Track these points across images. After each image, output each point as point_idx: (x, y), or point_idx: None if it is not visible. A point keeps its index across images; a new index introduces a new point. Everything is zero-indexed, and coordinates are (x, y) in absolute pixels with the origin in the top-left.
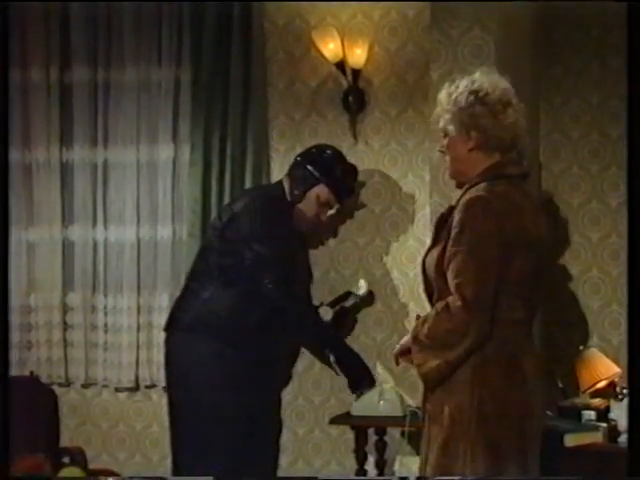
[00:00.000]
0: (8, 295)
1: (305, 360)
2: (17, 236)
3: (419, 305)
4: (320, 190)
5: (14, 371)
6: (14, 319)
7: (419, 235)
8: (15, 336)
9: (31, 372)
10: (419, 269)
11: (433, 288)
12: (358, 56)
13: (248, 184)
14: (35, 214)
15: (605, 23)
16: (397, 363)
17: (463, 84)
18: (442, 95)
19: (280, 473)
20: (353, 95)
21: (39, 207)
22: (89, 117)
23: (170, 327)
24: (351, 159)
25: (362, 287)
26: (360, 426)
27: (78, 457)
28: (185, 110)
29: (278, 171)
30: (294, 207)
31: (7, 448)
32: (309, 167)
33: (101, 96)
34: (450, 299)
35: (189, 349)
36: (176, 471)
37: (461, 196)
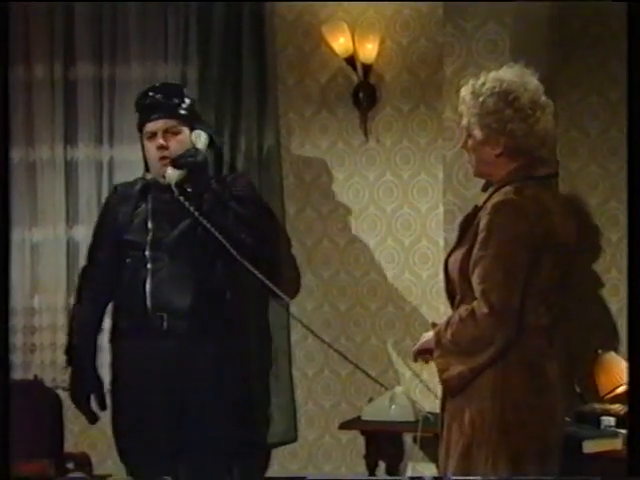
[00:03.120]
0: (9, 297)
1: (315, 365)
2: (20, 236)
3: (432, 308)
4: None
5: (17, 374)
6: (17, 321)
7: (432, 235)
8: (18, 339)
9: (35, 376)
10: (432, 270)
11: (455, 289)
12: (369, 51)
13: (258, 184)
14: (39, 214)
15: (624, 17)
16: (415, 360)
17: (490, 85)
18: (466, 93)
19: None
20: (364, 91)
21: (43, 207)
22: (94, 114)
23: None
24: (362, 157)
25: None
26: (371, 431)
27: (83, 463)
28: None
29: (288, 169)
30: None
31: (7, 451)
32: None
33: (106, 93)
34: (475, 305)
35: None
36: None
37: (488, 198)
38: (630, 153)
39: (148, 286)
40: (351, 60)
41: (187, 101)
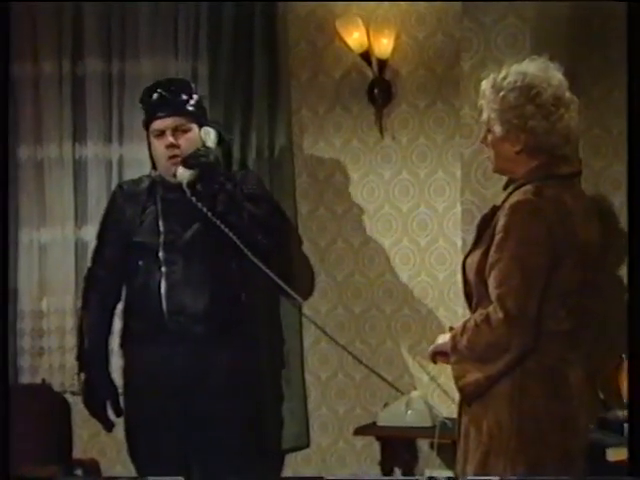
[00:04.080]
0: (8, 298)
1: (329, 368)
2: (28, 237)
3: (449, 310)
4: None
5: (25, 378)
6: (25, 324)
7: (449, 235)
8: (26, 342)
9: (43, 380)
10: (449, 271)
11: (473, 291)
12: (384, 46)
13: (269, 183)
14: (47, 214)
15: None
16: (434, 361)
17: (512, 79)
18: (487, 87)
19: None
20: (379, 87)
21: (51, 206)
22: (103, 111)
23: None
24: (377, 155)
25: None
26: (386, 437)
27: (92, 469)
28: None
29: (301, 167)
30: None
31: (7, 455)
32: None
33: (115, 89)
34: (491, 310)
35: None
36: None
37: (507, 197)
38: (630, 154)
39: (163, 289)
40: (366, 55)
41: (195, 97)
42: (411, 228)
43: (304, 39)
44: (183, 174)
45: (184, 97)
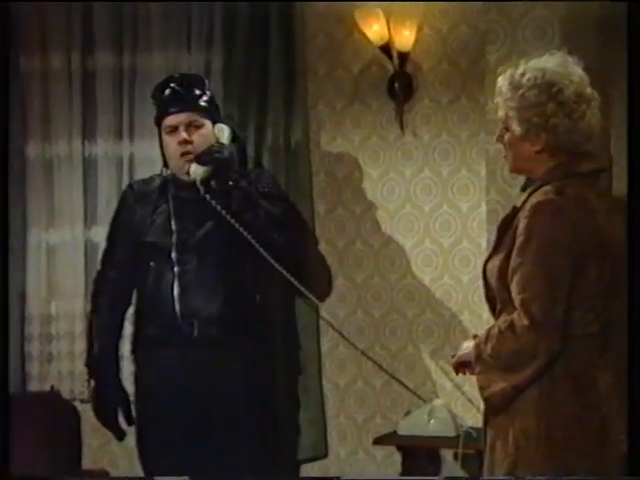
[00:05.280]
0: (8, 301)
1: (347, 375)
2: (36, 238)
3: (473, 314)
4: None
5: (33, 385)
6: (33, 329)
7: (474, 236)
8: (35, 347)
9: (51, 387)
10: (473, 274)
11: (495, 297)
12: (406, 38)
13: (285, 181)
14: (56, 214)
15: None
16: (457, 372)
17: (531, 75)
18: (504, 83)
19: None
20: (400, 81)
21: (60, 206)
22: (114, 107)
23: None
24: (398, 152)
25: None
26: (408, 447)
27: None
28: (217, 98)
29: (318, 165)
30: None
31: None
32: None
33: (127, 84)
34: (515, 316)
35: None
36: None
37: (527, 198)
38: (630, 154)
39: (176, 291)
40: (386, 48)
41: (208, 93)
42: (433, 229)
43: (322, 31)
44: (196, 171)
45: (197, 92)
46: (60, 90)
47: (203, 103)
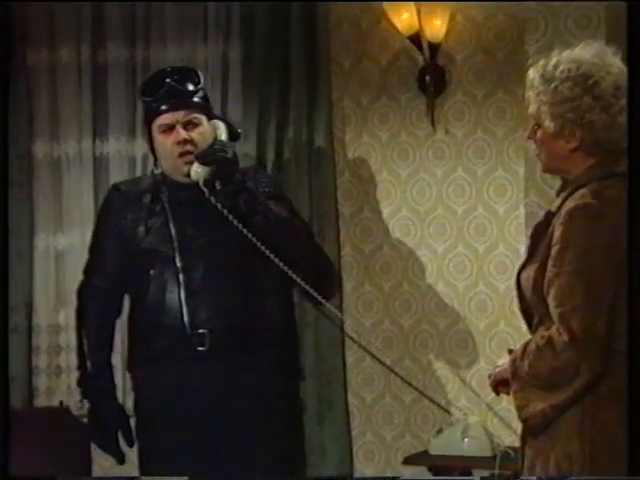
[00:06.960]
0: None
1: (374, 390)
2: (44, 243)
3: (510, 325)
4: None
5: (41, 401)
6: (41, 340)
7: (511, 241)
8: (42, 360)
9: (60, 402)
10: (510, 281)
11: (531, 309)
12: (437, 28)
13: (308, 182)
14: (64, 217)
15: None
16: (497, 393)
17: (565, 67)
18: (535, 76)
19: None
20: (431, 74)
21: (69, 209)
22: (126, 103)
23: None
24: (429, 150)
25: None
26: (440, 467)
27: None
28: (235, 93)
29: (343, 164)
30: None
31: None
32: None
33: (140, 79)
34: (554, 331)
35: None
36: None
37: (562, 202)
38: (630, 154)
39: (183, 300)
40: (416, 38)
41: (201, 87)
42: (467, 233)
43: (347, 20)
44: (199, 172)
45: (192, 87)
46: (69, 85)
47: (198, 99)
